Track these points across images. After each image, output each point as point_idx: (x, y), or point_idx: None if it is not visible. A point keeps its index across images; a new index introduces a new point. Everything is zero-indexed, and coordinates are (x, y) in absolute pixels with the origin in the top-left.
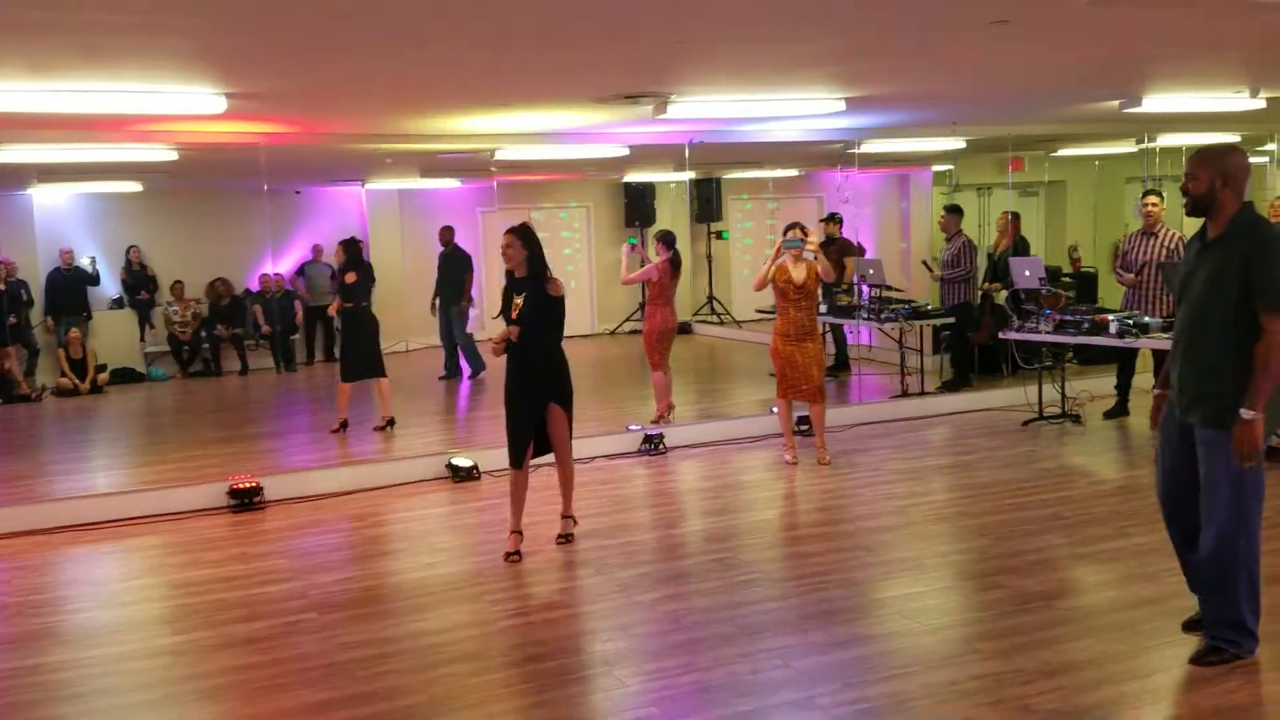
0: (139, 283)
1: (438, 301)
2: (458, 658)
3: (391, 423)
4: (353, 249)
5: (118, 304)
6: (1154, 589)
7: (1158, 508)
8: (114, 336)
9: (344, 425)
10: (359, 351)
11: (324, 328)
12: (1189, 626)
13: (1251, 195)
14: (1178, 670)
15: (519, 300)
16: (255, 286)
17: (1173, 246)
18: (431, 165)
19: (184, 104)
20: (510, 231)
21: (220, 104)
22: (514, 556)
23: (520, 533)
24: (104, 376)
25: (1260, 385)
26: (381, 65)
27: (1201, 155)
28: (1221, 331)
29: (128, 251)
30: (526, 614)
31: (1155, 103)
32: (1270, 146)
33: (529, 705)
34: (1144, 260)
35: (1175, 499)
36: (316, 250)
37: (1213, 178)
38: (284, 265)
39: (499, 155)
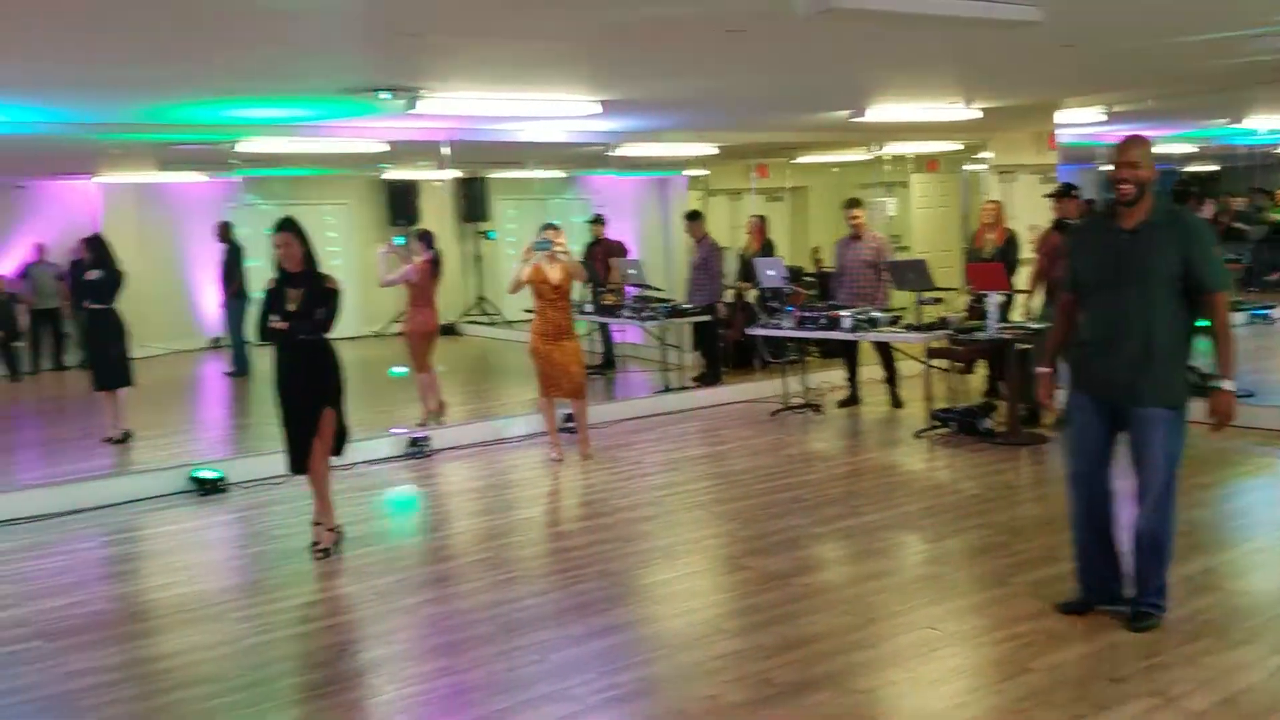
0: None
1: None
2: (194, 680)
3: (128, 435)
4: (98, 246)
5: None
6: (882, 563)
7: (886, 488)
8: None
9: (126, 435)
10: (112, 355)
11: (53, 333)
12: (1069, 609)
13: (970, 199)
14: (903, 639)
15: (293, 295)
16: None
17: (876, 246)
18: (170, 157)
19: None
20: (284, 230)
21: None
22: (319, 549)
23: (320, 524)
24: None
25: (1228, 355)
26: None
27: (1141, 142)
28: (1169, 315)
29: None
30: (274, 630)
31: (879, 112)
32: (987, 154)
33: None
34: (858, 262)
35: (1088, 476)
36: (41, 249)
37: (1151, 165)
38: (6, 266)
39: (240, 148)
